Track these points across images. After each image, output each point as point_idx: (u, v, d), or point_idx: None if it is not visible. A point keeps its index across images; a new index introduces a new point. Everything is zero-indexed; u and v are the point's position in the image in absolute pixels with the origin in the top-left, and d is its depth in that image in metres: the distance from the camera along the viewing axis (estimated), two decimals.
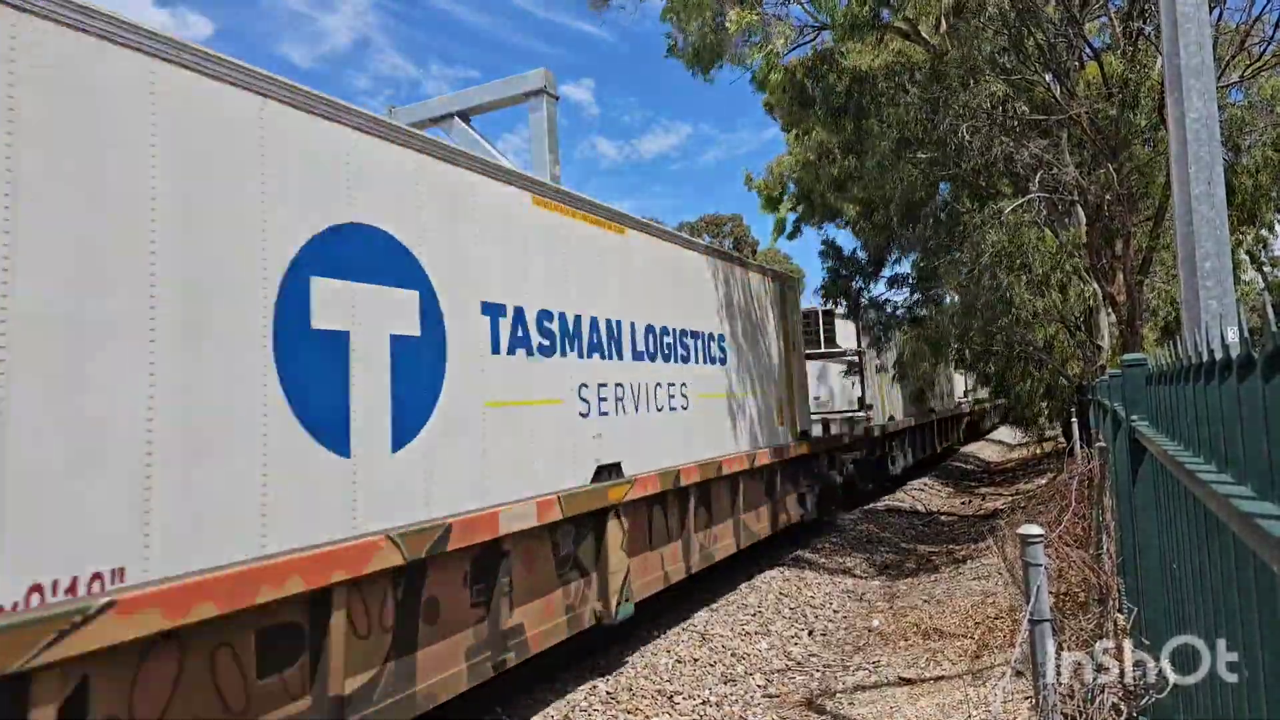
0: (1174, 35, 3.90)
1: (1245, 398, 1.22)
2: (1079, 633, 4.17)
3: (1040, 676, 2.66)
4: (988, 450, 27.69)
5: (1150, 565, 3.07)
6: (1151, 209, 9.89)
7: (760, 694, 6.10)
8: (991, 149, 9.16)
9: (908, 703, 5.47)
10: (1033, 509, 10.99)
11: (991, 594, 7.73)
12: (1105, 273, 9.72)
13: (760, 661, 6.80)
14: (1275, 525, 0.97)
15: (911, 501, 15.73)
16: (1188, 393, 1.91)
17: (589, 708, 5.64)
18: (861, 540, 11.88)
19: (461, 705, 5.46)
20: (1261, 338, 1.12)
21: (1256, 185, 9.60)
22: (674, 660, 6.58)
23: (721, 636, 7.23)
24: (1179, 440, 2.16)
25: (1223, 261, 3.73)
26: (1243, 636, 1.37)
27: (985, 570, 8.86)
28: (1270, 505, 1.07)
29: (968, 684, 5.56)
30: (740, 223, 57.01)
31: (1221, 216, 3.77)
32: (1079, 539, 5.52)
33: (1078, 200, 9.89)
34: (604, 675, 6.25)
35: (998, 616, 6.88)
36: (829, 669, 6.56)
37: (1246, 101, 9.86)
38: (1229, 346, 1.37)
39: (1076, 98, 9.12)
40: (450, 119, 8.92)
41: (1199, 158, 3.76)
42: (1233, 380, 1.30)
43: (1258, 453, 1.15)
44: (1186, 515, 2.03)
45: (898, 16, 10.01)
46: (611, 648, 6.90)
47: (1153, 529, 3.02)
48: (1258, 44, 9.12)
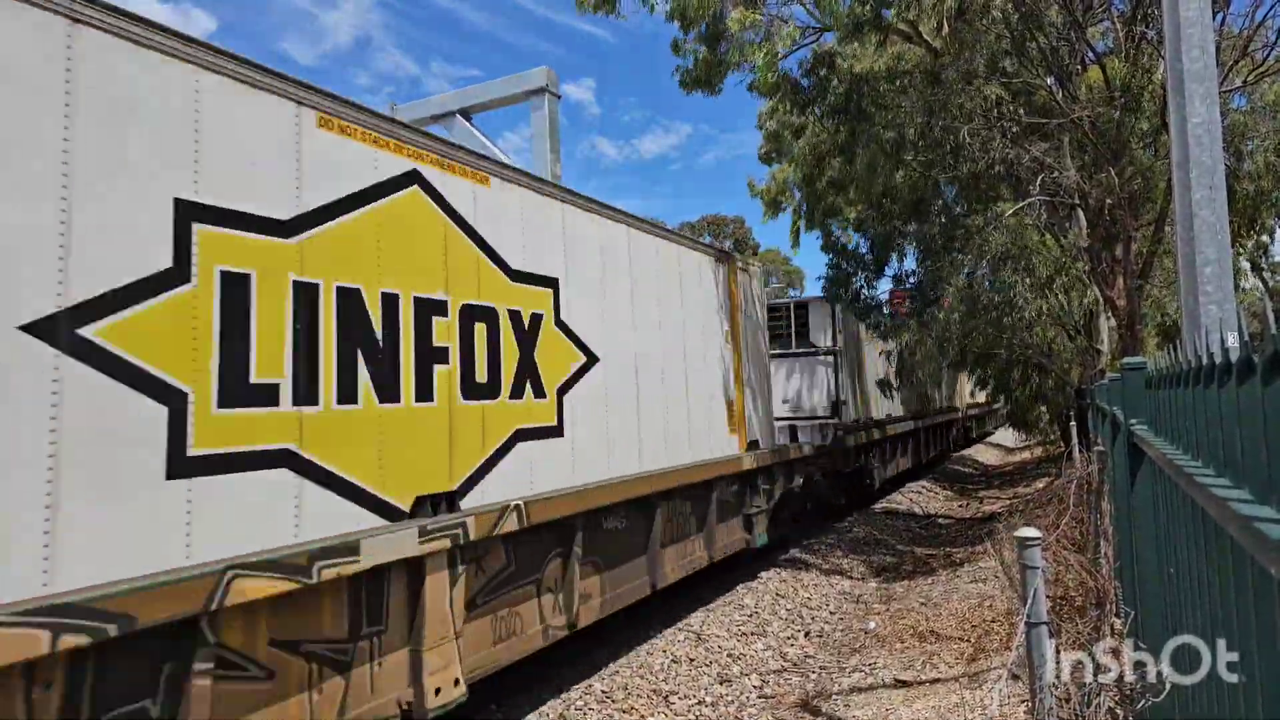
0: (1177, 40, 3.90)
1: (1244, 402, 1.22)
2: (1076, 636, 4.17)
3: (1037, 679, 2.66)
4: (986, 453, 27.69)
5: (1147, 569, 3.07)
6: (1153, 213, 9.89)
7: (756, 695, 6.10)
8: (990, 152, 9.16)
9: (904, 705, 5.47)
10: (1030, 513, 10.99)
11: (989, 597, 7.72)
12: (1105, 277, 9.71)
13: (756, 662, 6.80)
14: (1274, 529, 0.97)
15: (909, 504, 15.73)
16: (1187, 397, 1.91)
17: (584, 706, 5.64)
18: (859, 542, 11.88)
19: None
20: (1261, 342, 1.11)
21: (1258, 191, 9.60)
22: (670, 660, 6.58)
23: (718, 637, 7.22)
24: (1178, 444, 2.16)
25: (1224, 266, 3.72)
26: (1240, 641, 1.37)
27: (983, 573, 8.86)
28: (1269, 509, 1.07)
29: (964, 687, 5.56)
30: (742, 224, 57.11)
31: (1223, 221, 3.76)
32: (1077, 543, 5.52)
33: (1078, 204, 9.88)
34: (600, 674, 6.25)
35: (994, 620, 6.88)
36: (825, 670, 6.56)
37: (1249, 107, 9.87)
38: (1229, 350, 1.37)
39: (1079, 101, 9.12)
40: (452, 116, 8.91)
41: (1200, 162, 3.76)
42: (1232, 384, 1.30)
43: (1257, 457, 1.15)
44: (1184, 519, 2.03)
45: (899, 19, 10.01)
46: (607, 647, 6.90)
47: (1150, 533, 3.01)
48: (1261, 49, 9.13)
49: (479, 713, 5.49)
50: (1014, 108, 9.44)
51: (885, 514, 14.39)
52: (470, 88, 8.70)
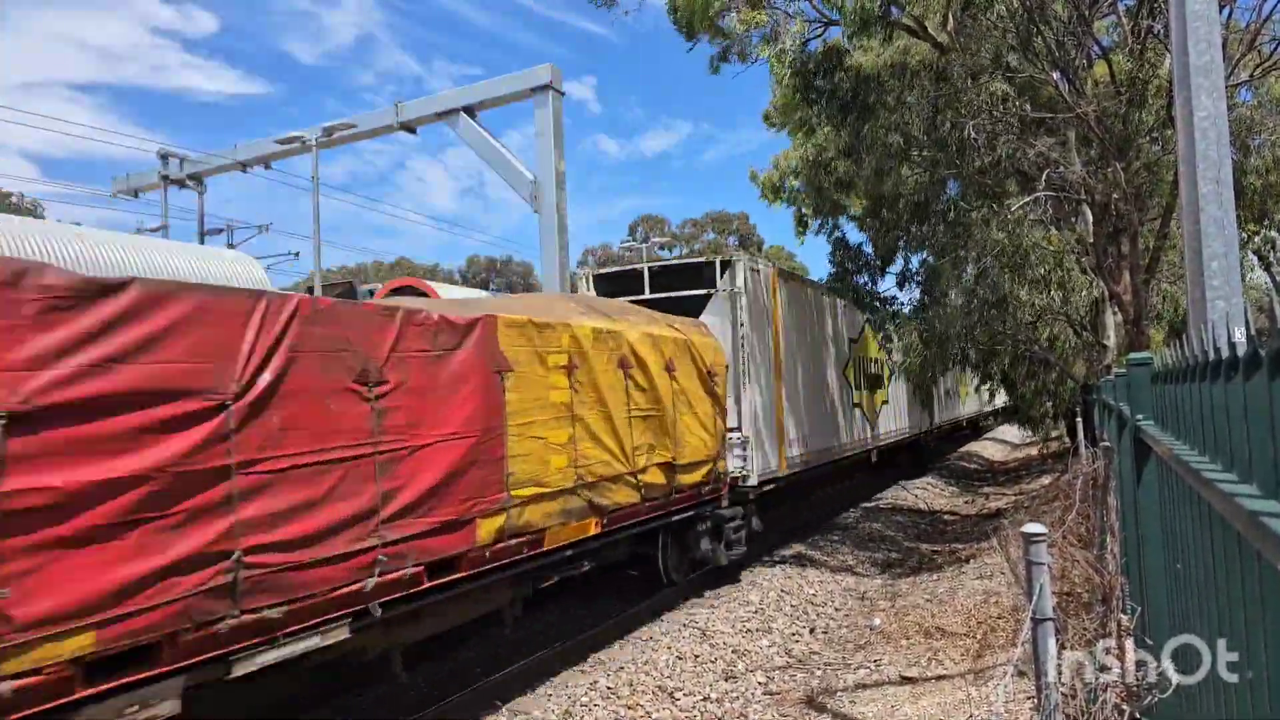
0: (1183, 33, 3.88)
1: (1252, 396, 1.21)
2: (1082, 632, 4.16)
3: (1042, 676, 2.66)
4: (991, 449, 27.63)
5: (1154, 565, 3.06)
6: (1159, 208, 9.85)
7: (761, 691, 6.10)
8: (997, 147, 9.12)
9: (909, 701, 5.47)
10: (1036, 509, 10.97)
11: (994, 593, 7.71)
12: (1111, 272, 9.68)
13: (761, 659, 6.80)
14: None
15: (914, 500, 15.71)
16: (1194, 392, 1.90)
17: (589, 702, 5.65)
18: (864, 539, 11.88)
19: (461, 699, 5.49)
20: (1269, 337, 1.11)
21: (1265, 185, 9.54)
22: (675, 657, 6.59)
23: (723, 634, 7.23)
24: (1184, 439, 2.15)
25: (1230, 261, 3.71)
26: (1247, 636, 1.36)
27: (988, 569, 8.85)
28: (1276, 504, 1.06)
29: (970, 683, 5.55)
30: (746, 220, 56.92)
31: (1230, 216, 3.75)
32: (1083, 539, 5.51)
33: (1085, 199, 9.85)
34: (604, 670, 6.26)
35: (1000, 616, 6.87)
36: (830, 667, 6.56)
37: (1255, 101, 9.81)
38: (1235, 345, 1.36)
39: (1085, 96, 9.07)
40: (456, 114, 8.91)
41: (1207, 156, 3.74)
42: (1239, 379, 1.29)
43: (1264, 451, 1.15)
44: (1191, 514, 2.02)
45: (906, 14, 9.97)
46: (613, 643, 6.91)
47: (1156, 528, 3.01)
48: (1268, 43, 9.07)
49: (483, 708, 5.51)
50: (1020, 103, 9.40)
51: (890, 510, 14.38)
52: (474, 85, 8.71)
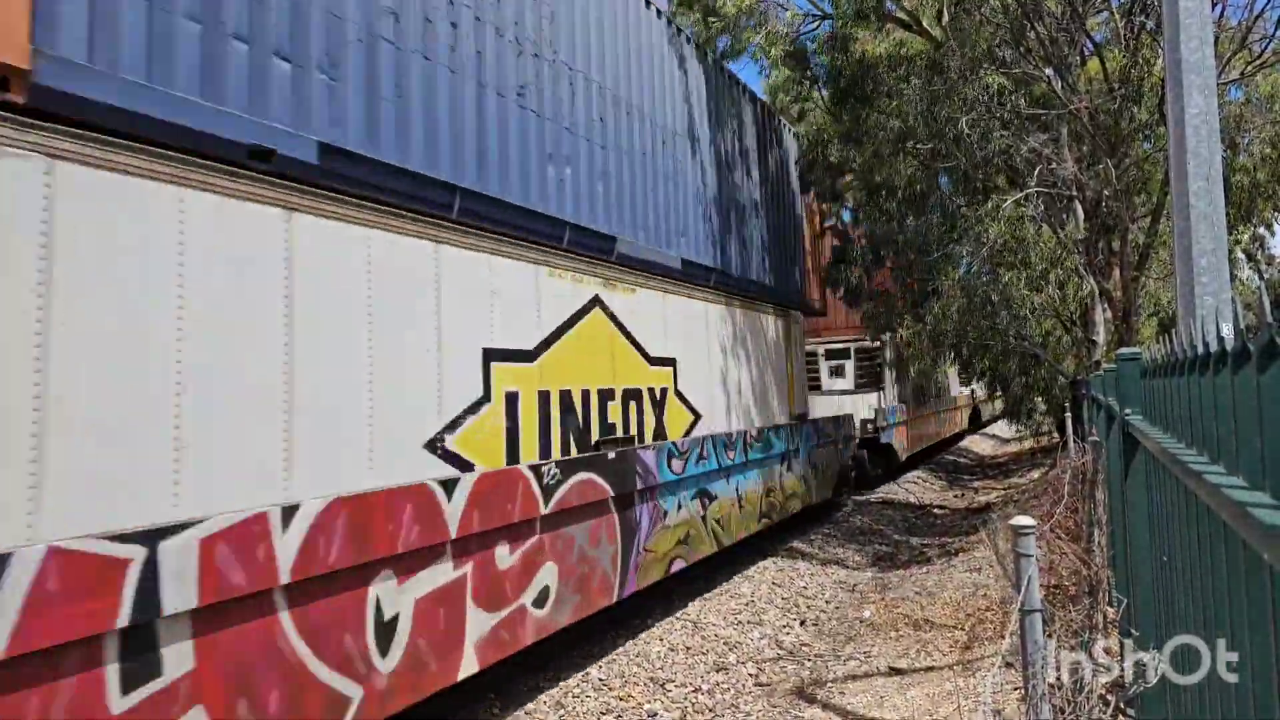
0: (1175, 30, 3.90)
1: (1239, 389, 1.23)
2: (1069, 624, 4.21)
3: (1029, 666, 2.69)
4: (982, 444, 27.79)
5: (1140, 557, 3.10)
6: (1150, 205, 9.90)
7: (752, 682, 6.14)
8: (990, 142, 9.15)
9: (898, 692, 5.52)
10: (1025, 502, 11.05)
11: (983, 586, 7.78)
12: (1102, 269, 9.73)
13: (753, 650, 6.84)
14: (1267, 514, 0.98)
15: (905, 494, 15.80)
16: (1182, 386, 1.93)
17: (581, 694, 5.68)
18: (855, 532, 11.94)
19: (455, 692, 5.50)
20: (1256, 331, 1.13)
21: (1254, 183, 9.61)
22: (666, 648, 6.62)
23: (714, 625, 7.27)
24: (1172, 433, 2.17)
25: (1219, 257, 3.74)
26: (1233, 626, 1.39)
27: (977, 562, 8.92)
28: (1263, 495, 1.08)
29: (958, 674, 5.61)
30: None
31: (1219, 212, 3.77)
32: (1071, 532, 5.56)
33: (1076, 196, 9.89)
34: (597, 662, 6.28)
35: (989, 608, 6.93)
36: (820, 658, 6.61)
37: (1245, 98, 9.87)
38: (1224, 339, 1.38)
39: (1077, 92, 9.11)
40: None
41: (1198, 153, 3.77)
42: (1227, 372, 1.31)
43: (1250, 443, 1.16)
44: (1178, 506, 2.05)
45: (900, 7, 9.98)
46: (605, 635, 6.93)
47: (1144, 521, 3.04)
48: (1258, 41, 9.12)
49: (476, 700, 5.53)
50: (1014, 98, 9.43)
51: (881, 504, 14.46)
52: None
